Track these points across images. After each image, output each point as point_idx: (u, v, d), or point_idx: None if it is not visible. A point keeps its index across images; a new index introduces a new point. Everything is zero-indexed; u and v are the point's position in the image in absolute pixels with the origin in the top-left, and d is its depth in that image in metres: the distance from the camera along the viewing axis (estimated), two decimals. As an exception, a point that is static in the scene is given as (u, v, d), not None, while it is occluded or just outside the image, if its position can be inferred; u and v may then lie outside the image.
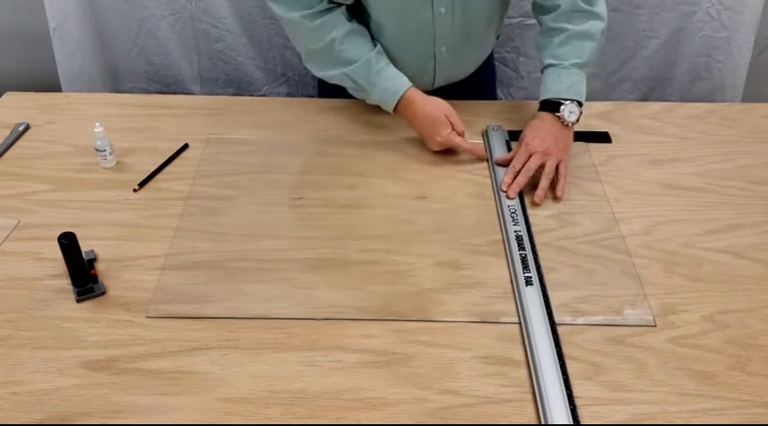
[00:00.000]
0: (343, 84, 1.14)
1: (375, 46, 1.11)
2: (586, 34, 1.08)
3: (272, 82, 1.68)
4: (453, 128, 1.09)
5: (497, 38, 1.29)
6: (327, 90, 1.24)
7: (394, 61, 1.13)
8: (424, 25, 1.11)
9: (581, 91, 1.08)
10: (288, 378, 0.75)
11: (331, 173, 1.08)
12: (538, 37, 1.15)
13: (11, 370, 0.76)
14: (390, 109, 1.12)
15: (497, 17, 1.19)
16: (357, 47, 1.10)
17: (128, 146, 1.12)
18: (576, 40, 1.08)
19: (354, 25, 1.11)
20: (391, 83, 1.10)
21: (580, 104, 1.07)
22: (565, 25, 1.09)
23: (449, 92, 1.20)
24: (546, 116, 1.07)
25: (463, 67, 1.24)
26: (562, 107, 1.06)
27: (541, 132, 1.06)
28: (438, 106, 1.10)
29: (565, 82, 1.07)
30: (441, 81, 1.22)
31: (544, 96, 1.09)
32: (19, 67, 1.70)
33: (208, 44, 1.60)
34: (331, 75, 1.13)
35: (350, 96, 1.19)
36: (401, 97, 1.09)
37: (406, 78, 1.11)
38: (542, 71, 1.12)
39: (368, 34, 1.13)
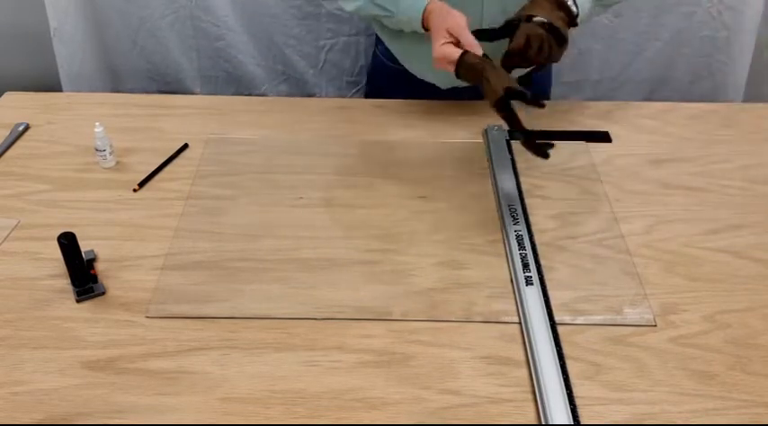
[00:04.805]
0: (371, 15, 1.12)
1: None
2: None
3: (272, 80, 1.68)
4: (456, 43, 0.96)
5: None
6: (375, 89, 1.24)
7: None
8: None
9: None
10: (288, 378, 0.75)
11: (331, 173, 1.08)
12: None
13: (11, 370, 0.76)
14: (419, 25, 1.05)
15: None
16: None
17: (128, 146, 1.12)
18: None
19: None
20: None
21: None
22: None
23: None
24: None
25: None
26: None
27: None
28: (445, 17, 0.98)
29: None
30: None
31: None
32: (19, 67, 1.70)
33: (208, 42, 1.60)
34: (357, 6, 1.11)
35: (352, 95, 1.18)
36: (425, 9, 1.03)
37: None
38: None
39: None
